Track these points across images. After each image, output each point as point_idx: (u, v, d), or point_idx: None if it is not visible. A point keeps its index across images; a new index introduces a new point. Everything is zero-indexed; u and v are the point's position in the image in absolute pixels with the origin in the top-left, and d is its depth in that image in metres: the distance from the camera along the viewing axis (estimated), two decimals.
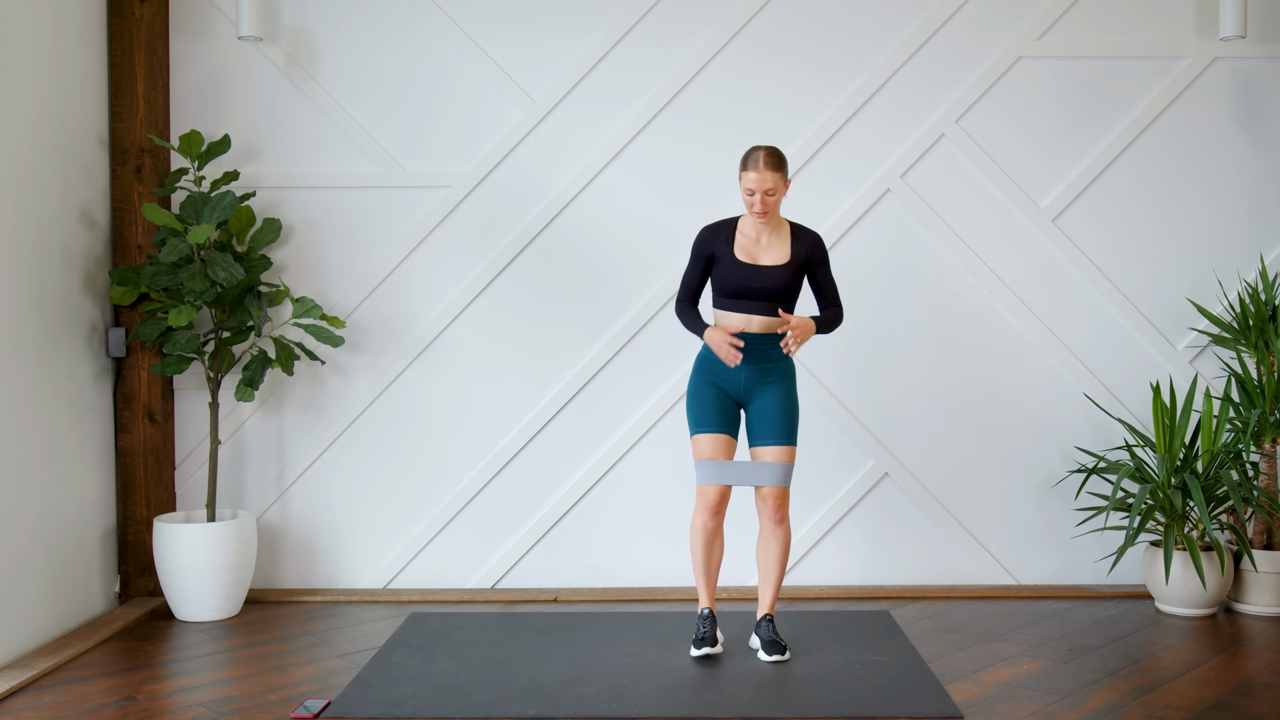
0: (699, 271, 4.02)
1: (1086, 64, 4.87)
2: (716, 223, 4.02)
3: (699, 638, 3.95)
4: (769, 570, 4.00)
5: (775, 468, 3.93)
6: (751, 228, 3.96)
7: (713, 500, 3.93)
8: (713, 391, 3.99)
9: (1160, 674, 3.81)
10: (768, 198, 3.85)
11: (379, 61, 4.89)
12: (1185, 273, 4.92)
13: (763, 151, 3.86)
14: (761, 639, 3.93)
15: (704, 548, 3.98)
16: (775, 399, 3.97)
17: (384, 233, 4.90)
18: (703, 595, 4.01)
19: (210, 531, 4.47)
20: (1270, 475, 4.59)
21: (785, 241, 3.97)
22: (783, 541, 3.98)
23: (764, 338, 3.94)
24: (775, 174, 3.85)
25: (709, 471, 3.95)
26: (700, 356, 4.04)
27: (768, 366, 3.96)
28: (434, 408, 4.92)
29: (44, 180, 4.24)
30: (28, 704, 3.60)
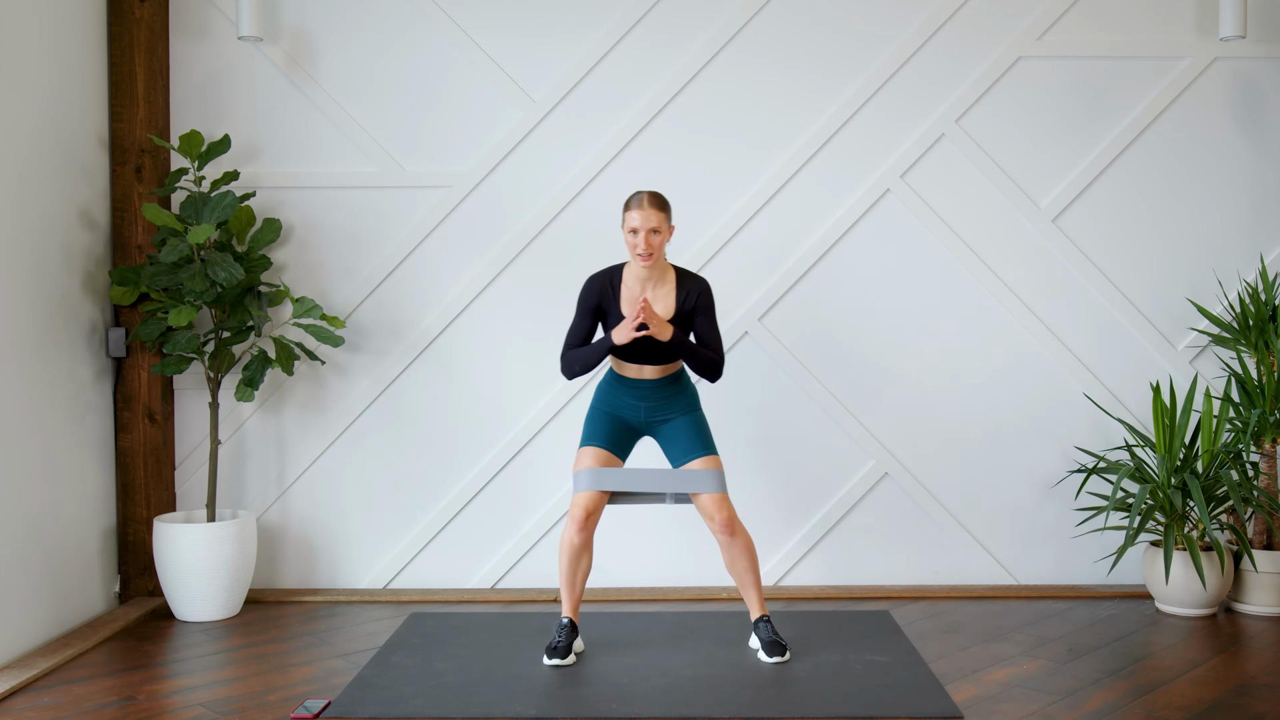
0: (587, 323, 3.94)
1: (1086, 64, 4.87)
2: (601, 273, 3.95)
3: (552, 647, 3.89)
4: (743, 578, 3.95)
5: (708, 473, 3.89)
6: (635, 278, 3.89)
7: (581, 514, 3.85)
8: (609, 416, 3.99)
9: (1160, 674, 3.81)
10: (652, 237, 3.79)
11: (379, 61, 4.89)
12: (1185, 273, 4.92)
13: (647, 193, 3.84)
14: (761, 640, 3.92)
15: (570, 563, 3.91)
16: (684, 419, 3.97)
17: (384, 233, 4.90)
18: (566, 605, 3.95)
19: (210, 531, 4.47)
20: (1270, 475, 4.59)
21: (671, 291, 3.91)
22: (745, 550, 3.91)
23: (660, 381, 3.95)
24: (659, 214, 3.80)
25: (584, 479, 3.88)
26: (601, 384, 4.04)
27: (666, 399, 3.97)
28: (434, 408, 4.92)
29: (44, 180, 4.24)
30: (28, 704, 3.60)
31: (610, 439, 3.97)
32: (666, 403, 3.97)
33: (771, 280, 4.89)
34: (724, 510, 3.86)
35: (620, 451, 4.00)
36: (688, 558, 4.92)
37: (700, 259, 4.87)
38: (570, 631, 3.92)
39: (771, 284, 4.89)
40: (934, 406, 4.92)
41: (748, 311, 4.89)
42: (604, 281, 3.93)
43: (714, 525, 3.88)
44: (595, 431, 3.98)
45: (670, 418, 3.98)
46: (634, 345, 3.87)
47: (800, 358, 4.89)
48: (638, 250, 3.80)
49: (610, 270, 3.96)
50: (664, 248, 3.86)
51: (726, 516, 3.86)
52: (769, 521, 4.89)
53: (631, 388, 3.97)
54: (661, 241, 3.82)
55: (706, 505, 3.88)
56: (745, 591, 3.97)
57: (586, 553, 3.93)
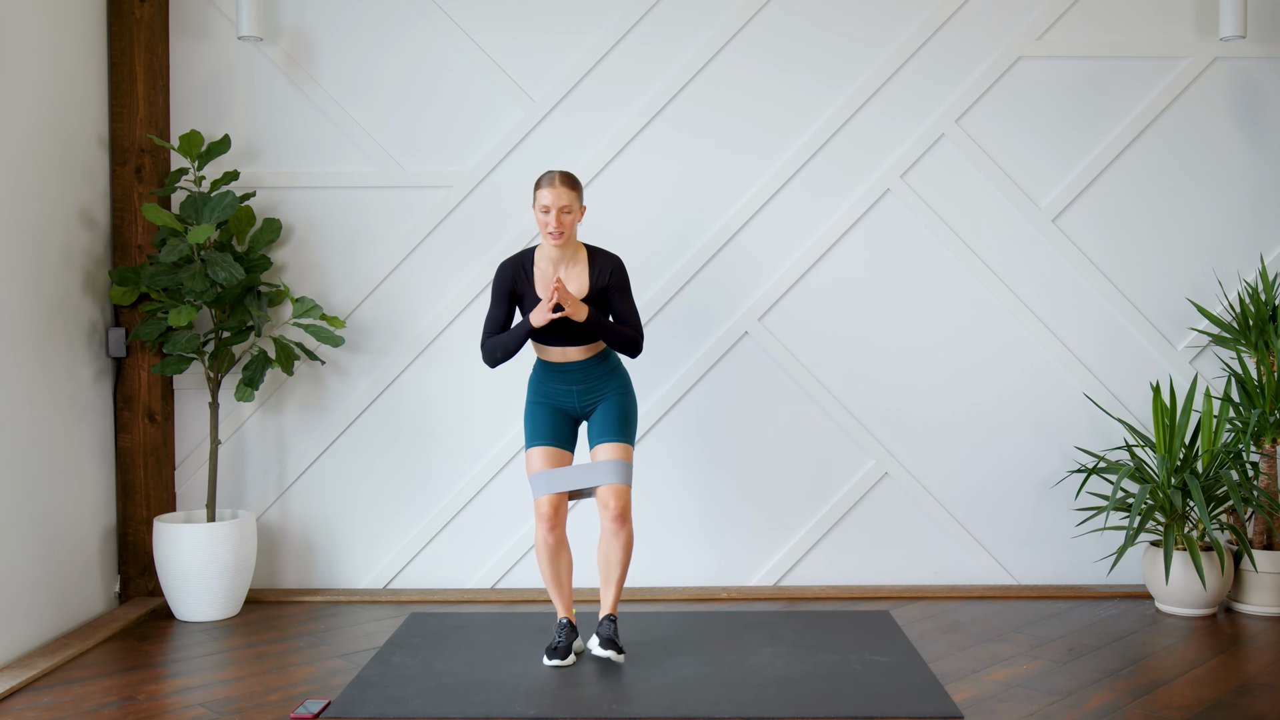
0: (504, 309, 3.94)
1: (1086, 64, 4.87)
2: (514, 257, 3.95)
3: (552, 647, 3.88)
4: (611, 572, 3.92)
5: (610, 465, 3.88)
6: (548, 259, 3.89)
7: (548, 513, 3.86)
8: (546, 409, 3.99)
9: (1160, 674, 3.81)
10: (564, 216, 3.80)
11: (379, 61, 4.89)
12: (1185, 273, 4.92)
13: (558, 173, 3.85)
14: (600, 636, 3.87)
15: (550, 562, 3.93)
16: (611, 402, 3.97)
17: (384, 233, 4.90)
18: (559, 606, 3.96)
19: (210, 531, 4.47)
20: (1270, 475, 4.59)
21: (584, 270, 3.91)
22: (624, 545, 3.89)
23: (587, 362, 3.95)
24: (571, 192, 3.81)
25: (540, 482, 3.90)
26: (532, 377, 4.05)
27: (598, 383, 3.97)
28: (434, 408, 4.92)
29: (44, 180, 4.24)
30: (28, 704, 3.60)
31: (552, 433, 3.97)
32: (598, 384, 3.97)
33: (771, 280, 4.89)
34: (619, 500, 3.86)
35: (566, 443, 3.99)
36: (688, 558, 4.92)
37: (701, 259, 4.87)
38: (570, 631, 3.92)
39: (771, 284, 4.89)
40: (934, 406, 4.92)
41: (748, 311, 4.89)
42: (516, 265, 3.93)
43: (605, 513, 3.87)
44: (537, 429, 3.97)
45: (603, 396, 3.98)
46: (554, 327, 3.87)
47: (800, 358, 4.89)
48: (549, 229, 3.81)
49: (521, 254, 3.96)
50: (575, 227, 3.87)
51: (620, 507, 3.86)
52: (769, 521, 4.90)
53: (561, 373, 3.96)
54: (573, 221, 3.84)
55: (603, 493, 3.88)
56: (605, 587, 3.94)
57: (564, 550, 3.94)
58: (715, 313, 4.89)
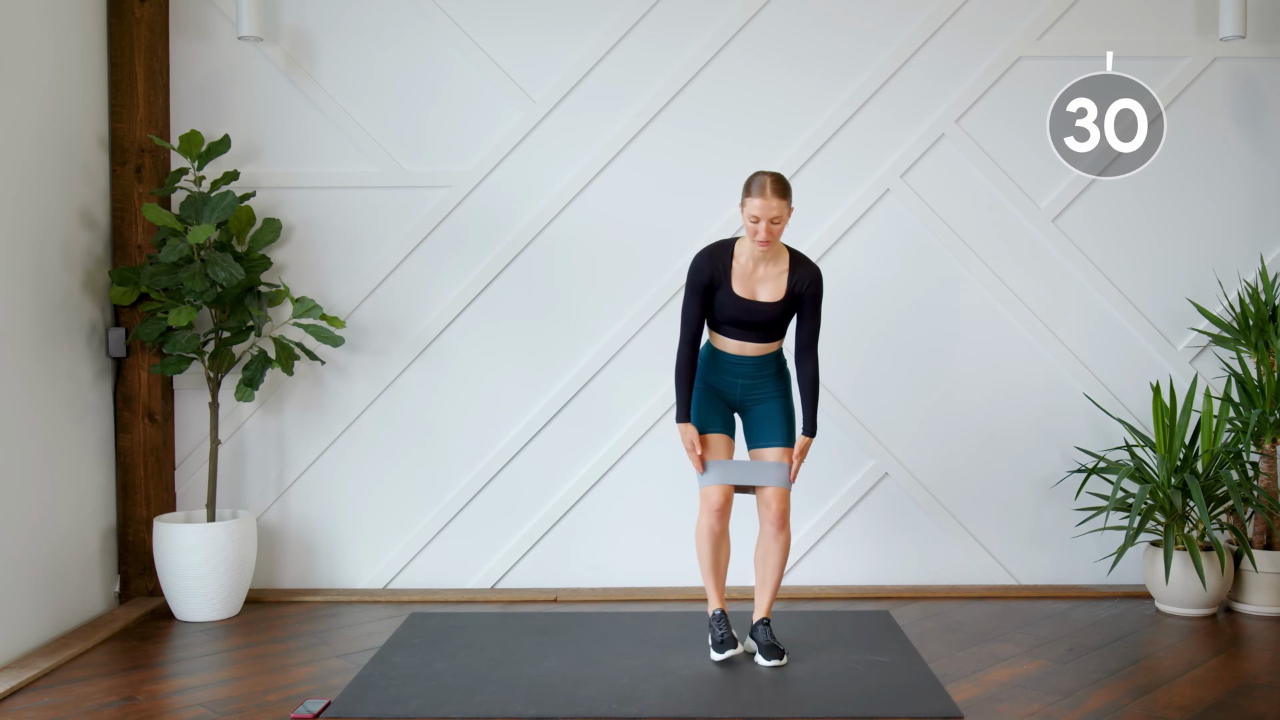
0: (699, 303, 3.87)
1: (1086, 64, 4.87)
2: (712, 247, 3.90)
3: (719, 640, 3.89)
4: (767, 575, 3.95)
5: (780, 467, 3.91)
6: (748, 256, 3.85)
7: (718, 503, 3.88)
8: (711, 394, 3.98)
9: (1160, 674, 3.81)
10: (773, 226, 3.74)
11: (379, 61, 4.89)
12: (1185, 273, 4.92)
13: (769, 178, 3.75)
14: (759, 643, 3.90)
15: (712, 551, 3.93)
16: (774, 403, 3.96)
17: (384, 233, 4.90)
18: (713, 597, 3.98)
19: (210, 531, 4.47)
20: (1270, 475, 4.59)
21: (783, 273, 3.86)
22: (783, 547, 3.93)
23: (758, 359, 3.94)
24: (781, 201, 3.73)
25: (713, 472, 3.91)
26: (702, 358, 4.03)
27: (762, 379, 3.96)
28: (434, 408, 4.92)
29: (44, 180, 4.24)
30: (28, 704, 3.60)
31: (723, 420, 3.98)
32: (763, 382, 3.96)
33: None
34: (782, 503, 3.88)
35: (731, 431, 4.01)
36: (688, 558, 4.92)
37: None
38: (727, 622, 3.94)
39: None
40: (934, 406, 4.92)
41: None
42: (715, 259, 3.86)
43: (768, 513, 3.89)
44: (709, 417, 3.96)
45: (762, 399, 3.97)
46: (741, 320, 3.85)
47: None
48: (757, 237, 3.75)
49: (721, 246, 3.89)
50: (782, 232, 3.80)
51: (783, 509, 3.88)
52: None
53: (731, 363, 3.93)
54: (781, 228, 3.77)
55: (768, 493, 3.89)
56: (761, 589, 3.96)
57: (725, 540, 3.94)
58: None
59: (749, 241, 3.82)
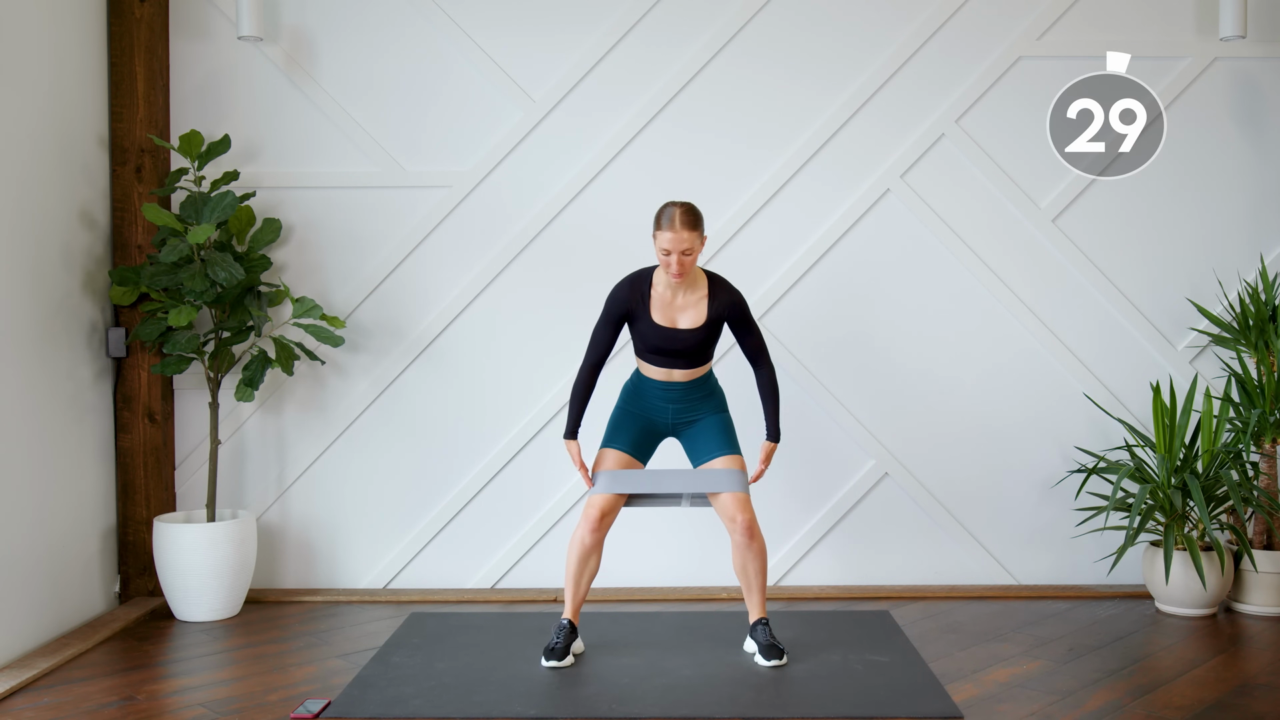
0: (610, 331, 3.89)
1: (1086, 64, 4.87)
2: (632, 277, 3.89)
3: (550, 647, 3.86)
4: (751, 581, 3.92)
5: (732, 473, 3.86)
6: (666, 285, 3.83)
7: (595, 515, 3.84)
8: (635, 418, 3.97)
9: (1160, 674, 3.81)
10: (684, 258, 3.72)
11: (379, 61, 4.89)
12: (1185, 273, 4.92)
13: (679, 209, 3.73)
14: (759, 644, 3.89)
15: (579, 563, 3.89)
16: (710, 419, 3.95)
17: (384, 233, 4.90)
18: (568, 605, 3.93)
19: (210, 531, 4.47)
20: (1270, 475, 4.59)
21: (702, 299, 3.85)
22: (759, 554, 3.88)
23: (686, 385, 3.92)
24: (692, 233, 3.72)
25: (601, 481, 3.86)
26: (627, 384, 4.03)
27: (693, 402, 3.95)
28: (434, 408, 4.92)
29: (44, 180, 4.24)
30: (28, 704, 3.60)
31: (632, 442, 3.95)
32: (695, 405, 3.95)
33: (772, 280, 4.89)
34: (746, 513, 3.82)
35: (642, 455, 3.97)
36: (688, 558, 4.92)
37: (701, 259, 4.86)
38: (569, 633, 3.91)
39: (772, 284, 4.89)
40: (934, 406, 4.92)
41: None
42: (634, 289, 3.86)
43: (734, 527, 3.84)
44: (618, 434, 3.95)
45: (697, 419, 3.96)
46: (663, 349, 3.84)
47: (800, 357, 4.89)
48: (670, 270, 3.74)
49: (639, 276, 3.89)
50: (695, 262, 3.79)
51: (748, 520, 3.82)
52: (769, 521, 4.87)
53: (663, 389, 3.93)
54: (694, 259, 3.76)
55: (728, 506, 3.83)
56: (750, 594, 3.94)
57: (595, 554, 3.90)
58: None
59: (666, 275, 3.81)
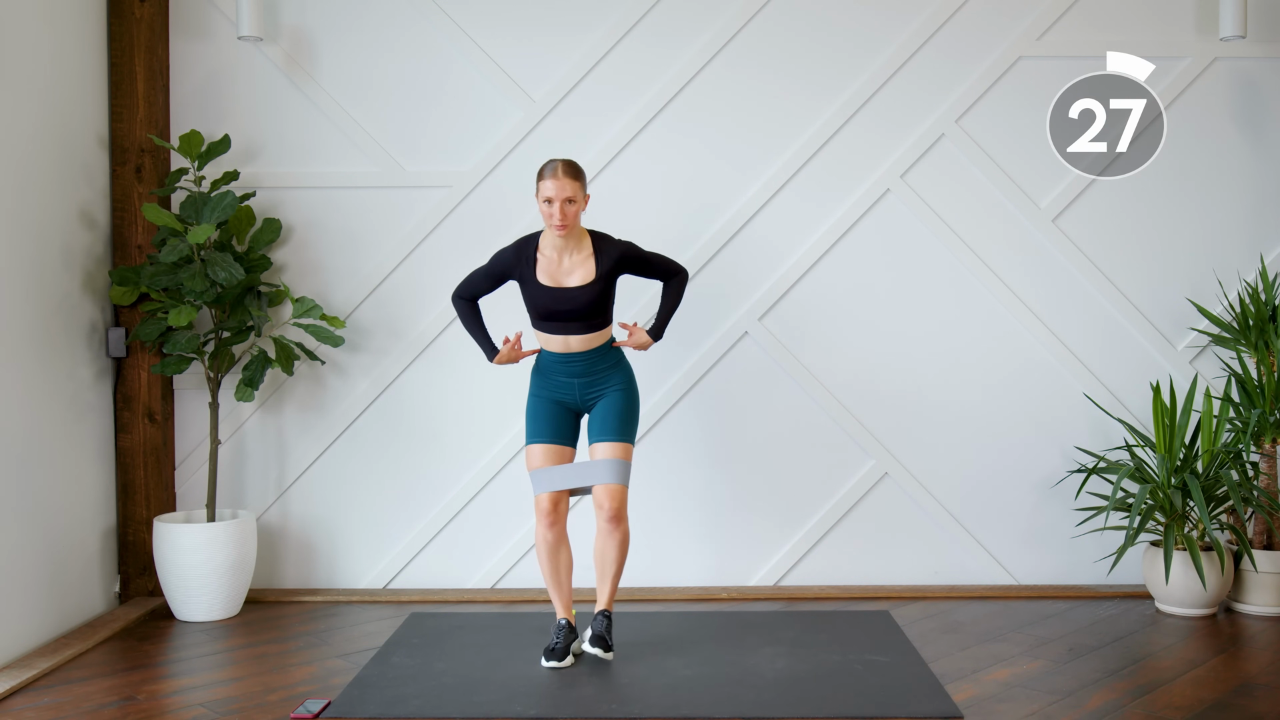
0: (487, 282, 4.00)
1: (1086, 64, 4.87)
2: (518, 242, 3.94)
3: (550, 649, 3.87)
4: (606, 570, 3.93)
5: (606, 465, 3.89)
6: (552, 246, 3.87)
7: (547, 509, 3.89)
8: (546, 403, 3.99)
9: (1160, 674, 3.81)
10: (567, 206, 3.76)
11: (379, 61, 4.89)
12: (1185, 273, 4.92)
13: (560, 162, 3.81)
14: (593, 631, 3.89)
15: (549, 560, 3.94)
16: (612, 399, 3.97)
17: (384, 233, 4.90)
18: (558, 606, 3.96)
19: (210, 531, 4.47)
20: (1270, 475, 4.59)
21: (589, 257, 3.88)
22: (619, 544, 3.90)
23: (588, 354, 3.94)
24: (574, 182, 3.77)
25: (540, 480, 3.92)
26: (534, 369, 4.05)
27: (599, 376, 3.97)
28: (434, 408, 4.92)
29: (44, 180, 4.24)
30: (28, 704, 3.60)
31: (553, 429, 3.97)
32: (600, 378, 3.97)
33: (771, 280, 4.89)
34: (614, 501, 3.87)
35: (567, 439, 4.00)
36: (688, 558, 4.92)
37: (700, 259, 4.87)
38: (568, 633, 3.91)
39: (771, 284, 4.89)
40: (934, 406, 4.92)
41: (748, 311, 4.88)
42: (519, 253, 3.91)
43: (601, 513, 3.89)
44: (537, 425, 3.98)
45: (604, 391, 3.98)
46: (555, 311, 3.86)
47: (800, 358, 4.89)
48: (553, 221, 3.78)
49: (525, 240, 3.94)
50: (579, 217, 3.84)
51: (615, 508, 3.87)
52: (769, 521, 4.90)
53: (563, 363, 3.95)
54: (577, 211, 3.81)
55: (598, 494, 3.89)
56: (601, 583, 3.95)
57: (564, 547, 3.95)
58: (715, 313, 4.89)
59: (550, 232, 3.84)
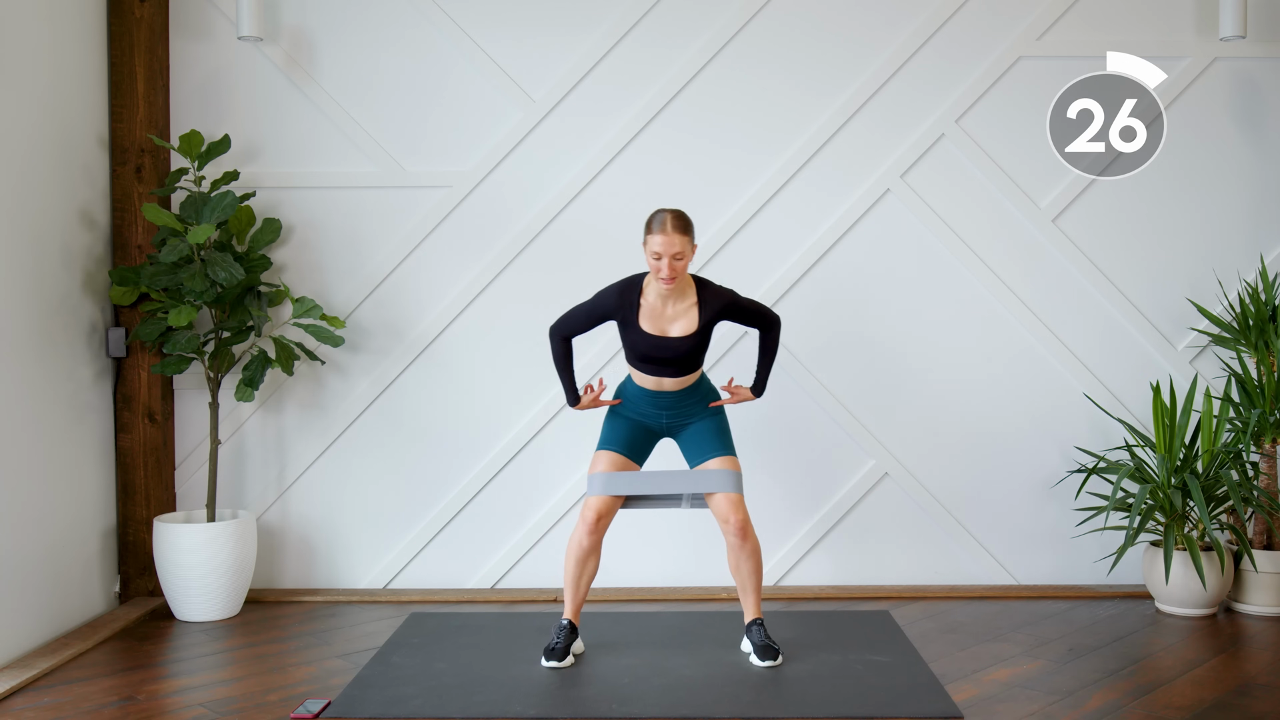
0: (587, 322, 3.94)
1: (1086, 64, 4.87)
2: (622, 284, 3.88)
3: (550, 648, 3.87)
4: (746, 582, 3.91)
5: (725, 472, 3.87)
6: (656, 294, 3.83)
7: (592, 517, 3.85)
8: (629, 422, 3.98)
9: (1160, 674, 3.81)
10: (675, 262, 3.72)
11: (379, 61, 4.89)
12: (1185, 273, 4.92)
13: (669, 214, 3.74)
14: (754, 644, 3.88)
15: (577, 565, 3.90)
16: (705, 422, 3.96)
17: (384, 233, 4.90)
18: (568, 606, 3.94)
19: (210, 531, 4.47)
20: (1270, 475, 4.59)
21: (692, 307, 3.84)
22: (752, 554, 3.87)
23: (679, 393, 3.94)
24: (683, 237, 3.72)
25: (596, 483, 3.88)
26: (621, 386, 4.04)
27: (687, 406, 3.97)
28: (434, 408, 4.92)
29: (44, 180, 4.24)
30: (28, 704, 3.60)
31: (628, 444, 3.95)
32: (689, 409, 3.97)
33: (771, 280, 4.89)
34: (739, 513, 3.83)
35: (637, 456, 3.98)
36: (688, 558, 4.92)
37: (701, 259, 4.87)
38: (569, 633, 3.91)
39: (771, 284, 4.89)
40: (934, 406, 4.92)
41: None
42: (624, 295, 3.85)
43: (728, 528, 3.84)
44: (613, 435, 3.96)
45: (691, 421, 3.98)
46: (653, 358, 3.85)
47: (800, 358, 4.89)
48: (660, 275, 3.74)
49: (630, 284, 3.88)
50: (686, 268, 3.78)
51: (741, 520, 3.83)
52: (769, 521, 4.89)
53: (653, 397, 3.94)
54: (685, 265, 3.75)
55: (721, 507, 3.84)
56: (745, 594, 3.94)
57: (594, 556, 3.91)
58: None
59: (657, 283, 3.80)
